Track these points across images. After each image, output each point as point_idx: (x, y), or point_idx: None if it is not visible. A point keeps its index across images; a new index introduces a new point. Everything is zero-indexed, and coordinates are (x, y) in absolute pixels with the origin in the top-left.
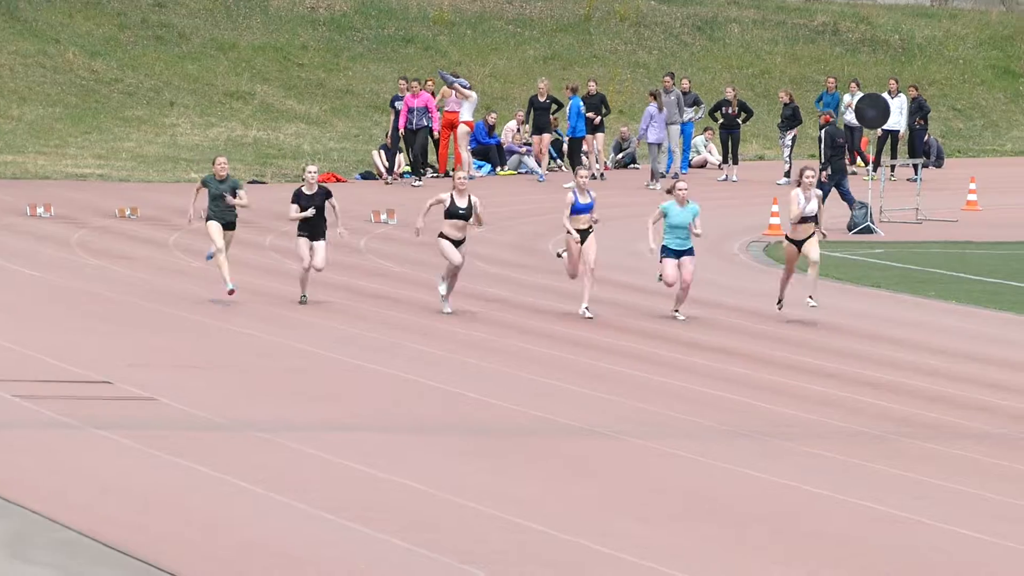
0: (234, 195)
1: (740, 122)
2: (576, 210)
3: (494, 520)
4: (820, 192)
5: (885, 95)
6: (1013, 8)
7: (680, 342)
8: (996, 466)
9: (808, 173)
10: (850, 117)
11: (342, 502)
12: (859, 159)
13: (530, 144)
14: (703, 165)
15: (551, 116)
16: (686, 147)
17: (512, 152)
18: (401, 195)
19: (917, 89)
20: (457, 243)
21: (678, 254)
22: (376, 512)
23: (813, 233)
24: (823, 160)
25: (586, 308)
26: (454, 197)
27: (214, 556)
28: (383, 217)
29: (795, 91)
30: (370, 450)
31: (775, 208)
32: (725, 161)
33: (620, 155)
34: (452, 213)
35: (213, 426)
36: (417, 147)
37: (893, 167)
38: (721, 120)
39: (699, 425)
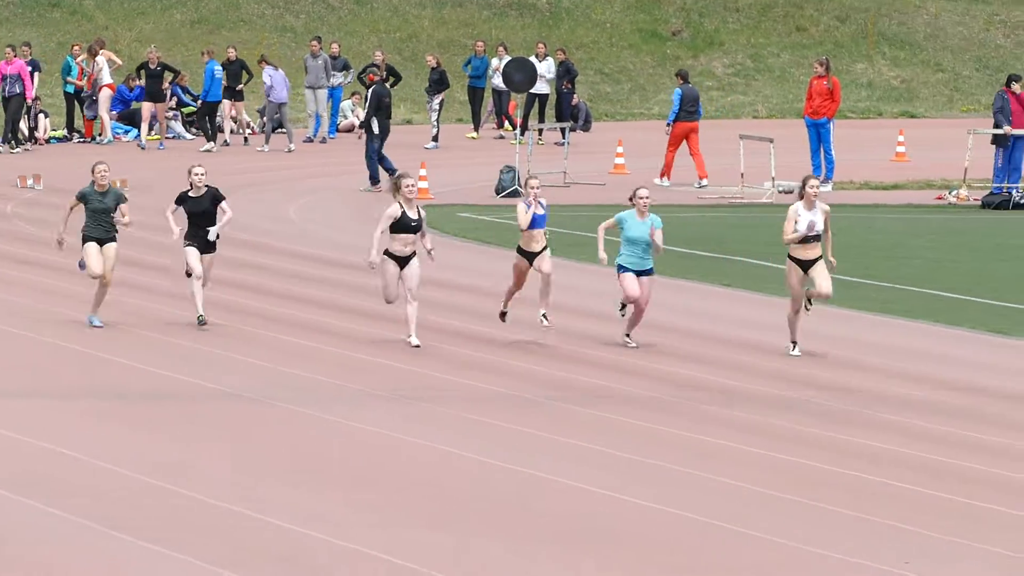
0: (115, 209)
1: (388, 86)
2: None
3: (144, 485)
4: (827, 208)
5: (533, 59)
6: None
7: (336, 307)
8: (650, 430)
9: (812, 183)
10: (498, 81)
11: None
12: (507, 123)
13: (175, 109)
14: (351, 129)
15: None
16: (334, 111)
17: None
18: (45, 160)
19: (565, 53)
20: (406, 260)
21: (637, 274)
22: (23, 478)
23: (820, 257)
24: (366, 119)
25: (544, 315)
26: (404, 208)
27: None
28: (29, 182)
29: (443, 55)
30: (14, 416)
31: (423, 172)
32: None
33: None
34: (404, 226)
35: None
36: (9, 115)
37: (541, 131)
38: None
39: (352, 390)
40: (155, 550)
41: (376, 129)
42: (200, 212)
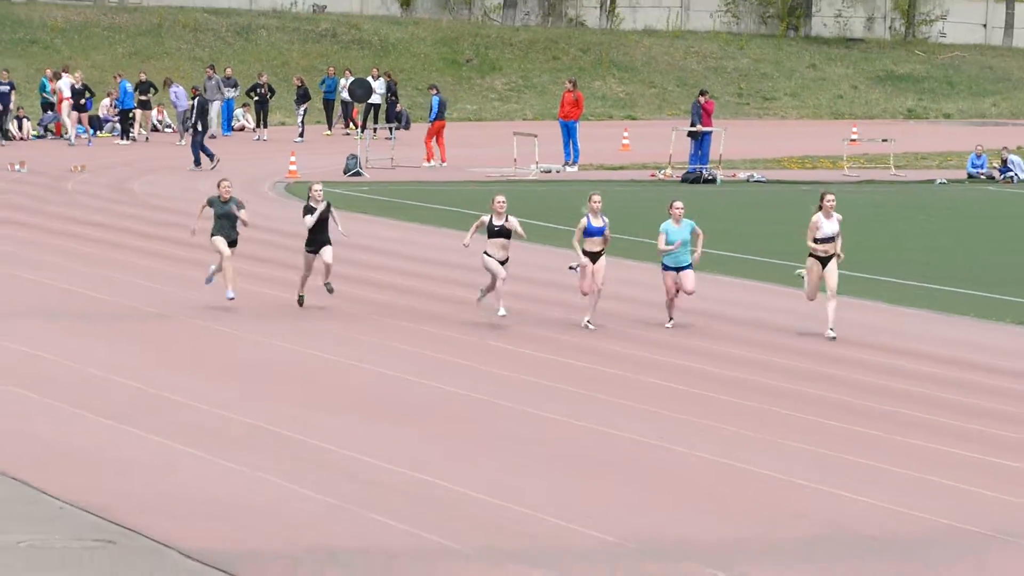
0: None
1: (269, 98)
2: (589, 232)
3: (111, 382)
4: (840, 217)
5: (369, 79)
6: (457, 16)
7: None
8: (520, 354)
9: (829, 197)
10: (346, 95)
11: None
12: (352, 124)
13: (121, 115)
14: (242, 129)
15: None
16: (228, 116)
17: (107, 120)
18: (27, 151)
19: (390, 75)
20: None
21: (677, 270)
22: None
23: (835, 255)
24: (192, 122)
25: (588, 322)
26: (492, 218)
27: None
28: (16, 167)
29: (306, 76)
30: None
31: (292, 159)
32: (258, 126)
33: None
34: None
35: None
36: None
37: (375, 129)
38: (256, 97)
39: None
40: (110, 424)
41: (200, 127)
42: (322, 220)
